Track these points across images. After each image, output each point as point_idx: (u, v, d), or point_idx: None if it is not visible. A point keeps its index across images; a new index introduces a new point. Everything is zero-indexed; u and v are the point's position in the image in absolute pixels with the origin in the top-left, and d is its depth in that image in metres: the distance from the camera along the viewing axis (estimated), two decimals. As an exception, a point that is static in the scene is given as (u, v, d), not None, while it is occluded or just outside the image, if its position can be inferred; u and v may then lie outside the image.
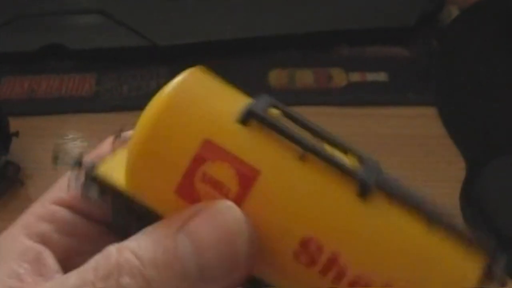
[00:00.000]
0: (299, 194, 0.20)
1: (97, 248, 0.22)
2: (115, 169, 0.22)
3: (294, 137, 0.20)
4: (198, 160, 0.20)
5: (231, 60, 0.62)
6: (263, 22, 0.63)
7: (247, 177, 0.20)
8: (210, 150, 0.20)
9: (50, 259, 0.24)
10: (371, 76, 0.61)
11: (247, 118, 0.20)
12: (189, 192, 0.20)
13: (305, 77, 0.61)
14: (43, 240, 0.25)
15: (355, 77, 0.61)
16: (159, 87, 0.21)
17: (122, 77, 0.60)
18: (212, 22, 0.63)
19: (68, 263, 0.24)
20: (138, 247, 0.20)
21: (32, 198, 0.50)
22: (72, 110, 0.58)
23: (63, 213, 0.25)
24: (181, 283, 0.19)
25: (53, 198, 0.26)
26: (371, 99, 0.59)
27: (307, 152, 0.20)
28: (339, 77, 0.61)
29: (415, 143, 0.55)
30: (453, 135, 0.55)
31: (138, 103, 0.57)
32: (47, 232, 0.25)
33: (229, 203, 0.20)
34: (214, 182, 0.20)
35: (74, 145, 0.51)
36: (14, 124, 0.51)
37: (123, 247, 0.20)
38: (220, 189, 0.20)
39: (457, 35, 0.64)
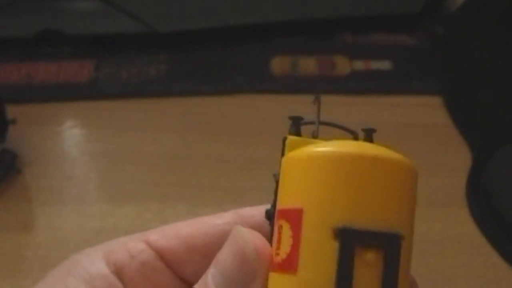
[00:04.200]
0: None
1: None
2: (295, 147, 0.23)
3: (337, 287, 0.20)
4: (286, 213, 0.21)
5: (232, 47, 0.61)
6: (266, 8, 0.63)
7: (287, 266, 0.21)
8: (296, 218, 0.21)
9: None
10: (375, 64, 0.60)
11: (336, 235, 0.20)
12: (275, 221, 0.22)
13: (308, 65, 0.60)
14: (119, 272, 0.25)
15: (359, 65, 0.60)
16: (159, 73, 0.20)
17: (121, 63, 0.59)
18: (213, 7, 0.62)
19: None
20: None
21: (29, 187, 0.50)
22: (70, 96, 0.57)
23: (150, 255, 0.25)
24: None
25: (148, 238, 0.26)
26: (375, 88, 0.58)
27: None
28: (343, 65, 0.60)
29: (420, 132, 0.54)
30: (458, 124, 0.55)
31: (138, 90, 0.58)
32: (125, 266, 0.25)
33: (239, 227, 0.22)
34: (279, 238, 0.21)
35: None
36: (11, 111, 0.50)
37: None
38: (277, 246, 0.21)
39: (462, 22, 0.64)
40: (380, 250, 0.20)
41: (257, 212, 0.26)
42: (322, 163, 0.21)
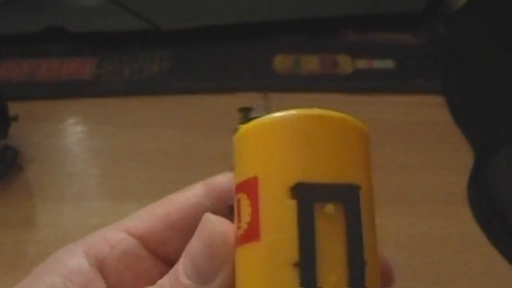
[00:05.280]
0: (261, 285, 0.20)
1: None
2: None
3: (301, 247, 0.20)
4: (242, 185, 0.21)
5: (235, 45, 0.61)
6: (269, 6, 0.62)
7: (250, 235, 0.21)
8: (251, 187, 0.21)
9: (99, 286, 0.24)
10: (377, 63, 0.60)
11: (293, 194, 0.20)
12: (235, 197, 0.22)
13: (311, 63, 0.60)
14: (100, 264, 0.25)
15: (362, 63, 0.60)
16: (161, 70, 0.20)
17: (124, 61, 0.59)
18: (216, 5, 0.62)
19: None
20: (162, 280, 0.23)
21: (31, 183, 0.50)
22: (72, 94, 0.57)
23: (130, 243, 0.25)
24: None
25: (127, 226, 0.26)
26: (377, 86, 0.58)
27: (298, 267, 0.20)
28: (345, 64, 0.60)
29: (423, 131, 0.54)
30: (460, 123, 0.54)
31: (140, 87, 0.58)
32: (106, 257, 0.25)
33: (207, 215, 0.22)
34: (239, 212, 0.21)
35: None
36: (13, 108, 0.50)
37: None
38: (238, 221, 0.21)
39: (465, 21, 0.63)
40: (339, 203, 0.20)
41: (225, 180, 0.26)
42: (270, 128, 0.21)
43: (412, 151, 0.52)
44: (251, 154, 0.21)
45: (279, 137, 0.21)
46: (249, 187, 0.21)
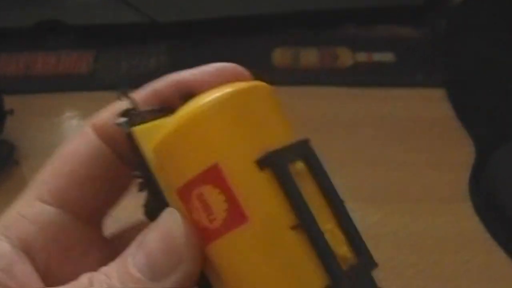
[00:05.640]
0: (268, 260, 0.20)
1: (82, 256, 0.22)
2: (152, 134, 0.22)
3: (296, 207, 0.20)
4: (201, 178, 0.21)
5: (233, 38, 0.61)
6: (267, -1, 0.62)
7: (234, 220, 0.20)
8: (215, 175, 0.20)
9: (26, 269, 0.23)
10: (378, 56, 0.60)
11: (264, 164, 0.20)
12: (186, 199, 0.21)
13: (310, 56, 0.59)
14: (25, 244, 0.23)
15: (362, 57, 0.60)
16: (158, 65, 0.20)
17: (121, 55, 0.59)
18: (214, -2, 0.62)
19: (51, 270, 0.23)
20: (107, 269, 0.22)
21: (27, 178, 0.49)
22: (69, 88, 0.57)
23: (50, 213, 0.24)
24: (139, 285, 0.21)
25: (39, 193, 0.24)
26: (377, 80, 0.58)
27: (300, 227, 0.20)
28: (345, 57, 0.59)
29: (423, 126, 0.54)
30: (462, 118, 0.54)
31: (137, 81, 0.57)
32: (30, 235, 0.23)
33: (170, 209, 0.21)
34: (206, 205, 0.21)
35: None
36: (9, 102, 0.50)
37: (94, 275, 0.22)
38: (208, 214, 0.21)
39: (466, 15, 0.63)
40: (301, 159, 0.21)
41: (109, 114, 0.24)
42: (211, 115, 0.21)
43: (412, 147, 0.52)
44: (198, 146, 0.21)
45: (224, 119, 0.21)
46: (212, 176, 0.20)
